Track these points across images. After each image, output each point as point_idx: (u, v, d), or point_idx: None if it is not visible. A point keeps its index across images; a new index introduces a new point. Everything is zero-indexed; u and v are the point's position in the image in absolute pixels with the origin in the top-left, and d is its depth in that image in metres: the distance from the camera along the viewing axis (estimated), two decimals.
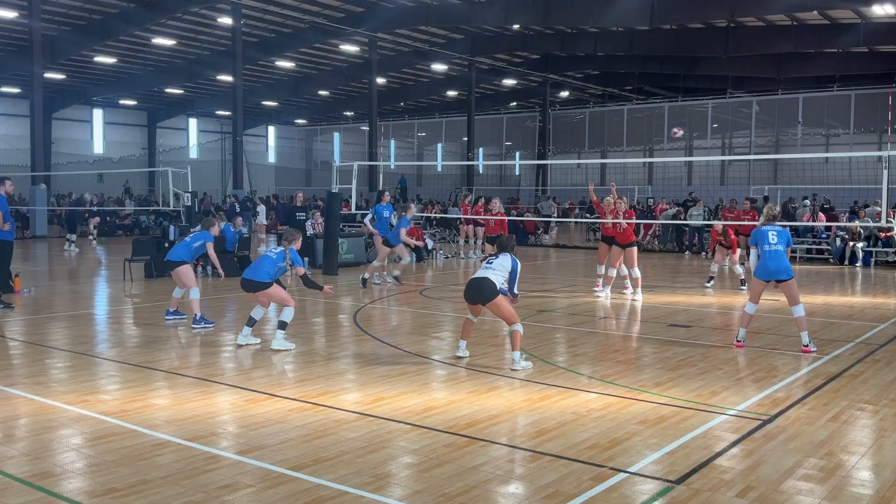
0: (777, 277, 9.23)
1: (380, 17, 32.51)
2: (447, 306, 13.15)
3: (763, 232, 9.39)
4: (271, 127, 56.72)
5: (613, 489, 4.88)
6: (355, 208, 22.21)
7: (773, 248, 9.25)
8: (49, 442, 5.70)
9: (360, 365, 8.44)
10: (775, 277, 9.23)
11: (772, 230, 9.36)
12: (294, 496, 4.70)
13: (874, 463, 5.48)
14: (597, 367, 8.45)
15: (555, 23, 32.75)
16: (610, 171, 44.34)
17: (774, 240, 9.31)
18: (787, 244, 9.38)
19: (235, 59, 31.63)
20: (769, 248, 9.27)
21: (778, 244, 9.28)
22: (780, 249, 9.22)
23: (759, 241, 9.40)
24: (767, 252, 9.27)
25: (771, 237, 9.31)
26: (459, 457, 5.42)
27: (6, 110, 42.53)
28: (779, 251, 9.26)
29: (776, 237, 9.32)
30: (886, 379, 7.92)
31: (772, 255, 9.24)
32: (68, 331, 10.43)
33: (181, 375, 7.82)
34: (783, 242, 9.33)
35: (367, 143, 41.37)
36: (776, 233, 9.35)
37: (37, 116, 27.36)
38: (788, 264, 9.32)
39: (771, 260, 9.20)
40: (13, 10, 27.68)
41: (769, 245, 9.28)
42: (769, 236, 9.32)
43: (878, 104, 36.03)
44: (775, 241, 9.29)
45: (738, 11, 27.24)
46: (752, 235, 9.59)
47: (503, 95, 49.16)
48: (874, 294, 15.72)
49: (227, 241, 17.33)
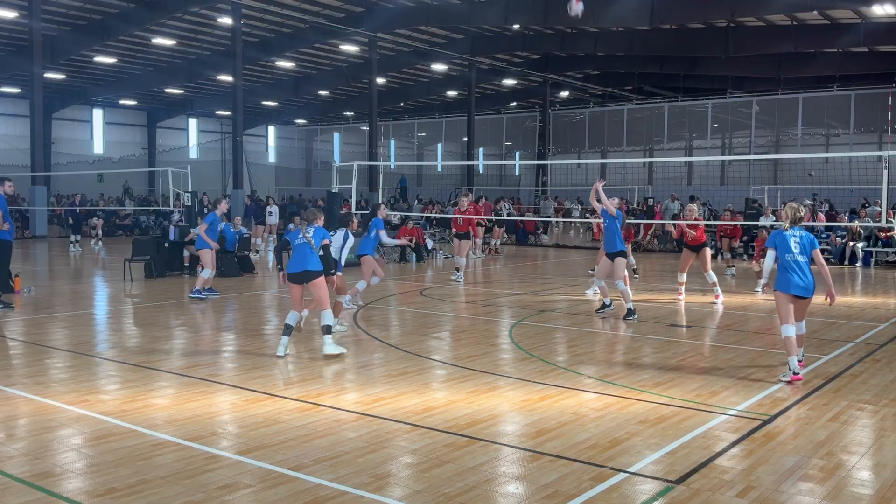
0: (806, 294, 7.85)
1: (380, 17, 32.51)
2: (447, 306, 13.14)
3: (785, 237, 7.93)
4: (271, 127, 56.72)
5: (613, 489, 4.88)
6: (355, 208, 22.22)
7: (796, 258, 7.84)
8: (49, 442, 5.70)
9: (360, 365, 8.44)
10: (805, 294, 7.85)
11: (794, 235, 7.91)
12: (294, 496, 4.70)
13: (874, 463, 5.47)
14: (597, 367, 8.45)
15: (555, 23, 32.74)
16: (610, 171, 44.32)
17: (797, 248, 7.83)
18: (812, 247, 7.95)
19: (235, 59, 31.63)
20: (791, 258, 7.84)
21: (801, 254, 7.83)
22: (805, 260, 7.80)
23: (780, 247, 7.94)
24: (791, 263, 7.83)
25: (793, 244, 7.85)
26: (459, 457, 5.42)
27: (6, 110, 42.52)
28: (803, 262, 7.86)
29: (798, 244, 7.87)
30: (886, 379, 7.92)
31: (795, 266, 7.82)
32: (68, 331, 10.43)
33: (181, 375, 7.82)
34: (807, 251, 7.88)
35: (367, 143, 41.36)
36: (798, 238, 7.90)
37: (37, 116, 27.37)
38: (813, 279, 7.94)
39: (795, 273, 7.80)
40: (13, 10, 27.68)
41: (791, 255, 7.85)
42: (791, 243, 7.88)
43: (878, 104, 36.02)
44: (798, 251, 7.83)
45: (738, 11, 27.23)
46: (771, 238, 8.14)
47: (503, 95, 49.16)
48: (874, 294, 15.72)
49: (227, 241, 17.36)
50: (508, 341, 9.90)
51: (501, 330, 10.99)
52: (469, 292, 15.05)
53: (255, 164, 49.46)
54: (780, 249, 7.90)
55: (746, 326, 11.26)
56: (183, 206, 23.25)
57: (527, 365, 8.43)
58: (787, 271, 7.86)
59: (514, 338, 10.07)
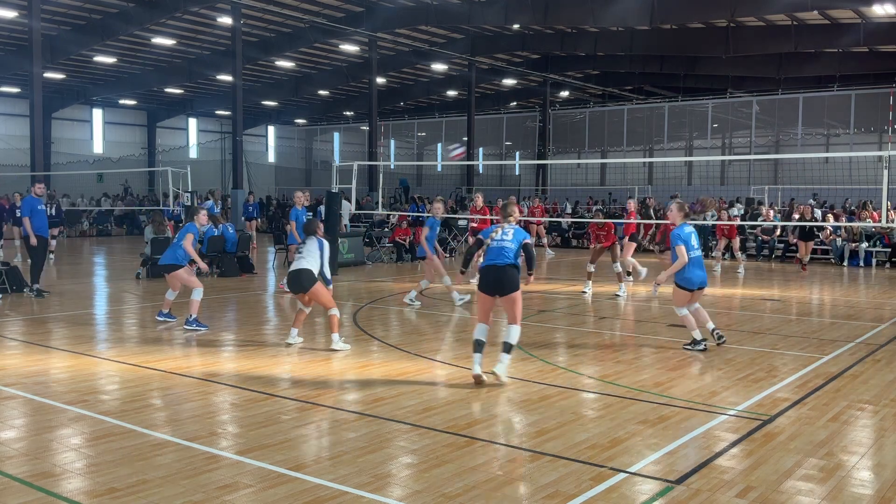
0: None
1: (380, 16, 32.50)
2: (447, 306, 13.14)
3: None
4: (271, 127, 56.70)
5: (613, 489, 4.88)
6: (355, 208, 22.27)
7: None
8: (49, 442, 5.70)
9: (360, 365, 8.44)
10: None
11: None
12: (294, 496, 4.70)
13: (874, 463, 5.47)
14: (597, 367, 8.45)
15: (555, 23, 32.73)
16: (610, 170, 44.31)
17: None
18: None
19: (235, 59, 31.59)
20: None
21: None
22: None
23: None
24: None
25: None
26: (459, 457, 5.42)
27: (6, 110, 42.50)
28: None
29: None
30: (886, 379, 7.92)
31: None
32: (68, 331, 10.43)
33: (181, 375, 7.82)
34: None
35: (367, 142, 41.34)
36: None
37: (36, 116, 27.33)
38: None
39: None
40: (13, 10, 27.66)
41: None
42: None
43: (878, 104, 35.98)
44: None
45: (738, 11, 27.21)
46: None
47: (503, 95, 49.13)
48: (874, 294, 15.72)
49: (227, 241, 17.36)
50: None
51: (501, 330, 10.98)
52: (472, 291, 15.04)
53: (255, 164, 49.45)
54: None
55: (746, 326, 11.26)
56: (182, 206, 23.24)
57: (527, 365, 8.43)
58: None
59: None
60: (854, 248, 21.27)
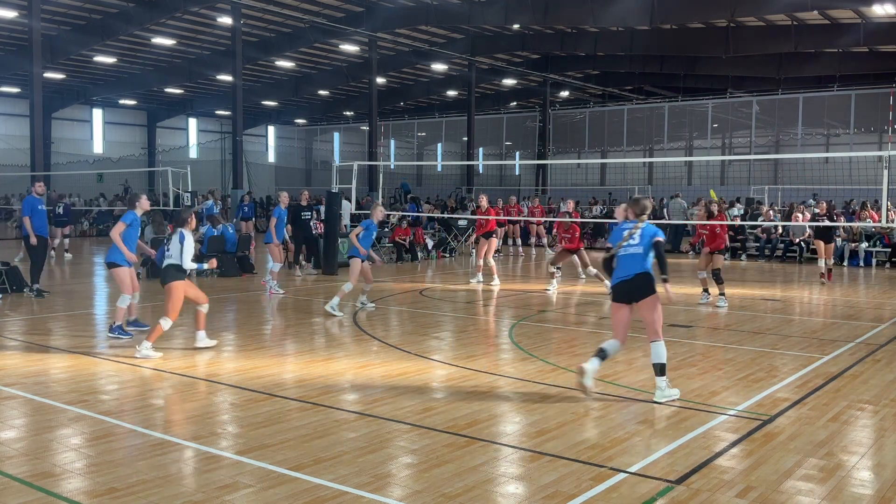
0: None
1: (380, 16, 32.52)
2: (447, 306, 13.14)
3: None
4: (271, 127, 56.73)
5: (613, 489, 4.87)
6: (356, 208, 22.26)
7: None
8: (49, 442, 5.69)
9: (360, 365, 8.44)
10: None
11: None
12: (294, 496, 4.70)
13: (874, 463, 5.47)
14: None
15: (555, 23, 32.74)
16: (610, 170, 44.32)
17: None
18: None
19: (235, 59, 31.61)
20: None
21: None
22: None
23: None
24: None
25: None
26: (459, 457, 5.42)
27: (6, 110, 42.53)
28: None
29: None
30: (886, 379, 7.92)
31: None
32: (68, 331, 10.43)
33: (180, 375, 7.82)
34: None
35: (367, 142, 41.35)
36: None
37: (36, 116, 27.34)
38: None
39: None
40: (13, 10, 27.68)
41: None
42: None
43: (878, 104, 35.99)
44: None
45: (738, 11, 27.23)
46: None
47: (503, 95, 49.15)
48: (874, 294, 15.72)
49: (226, 241, 17.37)
50: (508, 341, 9.90)
51: (501, 330, 10.99)
52: (471, 291, 15.04)
53: (255, 163, 49.46)
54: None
55: (746, 326, 11.25)
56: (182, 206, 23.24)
57: (527, 365, 8.43)
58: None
59: (514, 338, 10.07)
60: (854, 248, 21.29)
